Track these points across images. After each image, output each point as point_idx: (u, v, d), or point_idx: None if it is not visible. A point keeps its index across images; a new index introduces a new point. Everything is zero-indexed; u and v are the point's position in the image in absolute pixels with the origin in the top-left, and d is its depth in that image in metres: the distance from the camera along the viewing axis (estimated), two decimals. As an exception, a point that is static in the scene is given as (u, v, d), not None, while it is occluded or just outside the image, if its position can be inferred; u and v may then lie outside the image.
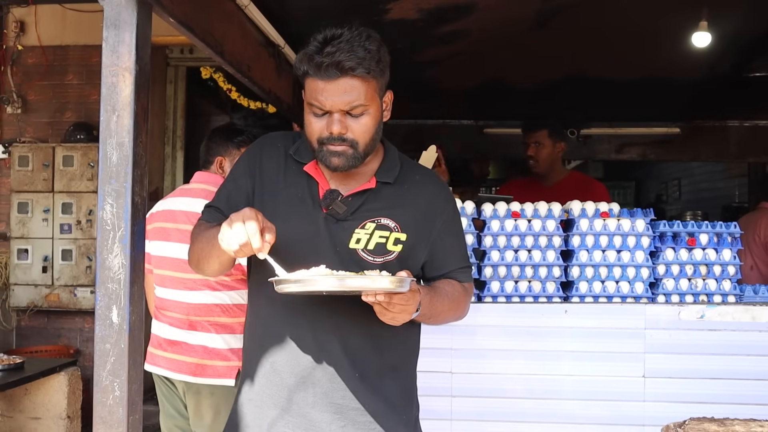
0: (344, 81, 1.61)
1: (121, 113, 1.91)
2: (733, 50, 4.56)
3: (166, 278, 2.81)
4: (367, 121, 1.66)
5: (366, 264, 1.67)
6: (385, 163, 1.78)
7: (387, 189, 1.75)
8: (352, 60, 1.60)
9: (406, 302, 1.54)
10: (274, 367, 1.71)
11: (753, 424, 2.12)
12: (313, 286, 1.48)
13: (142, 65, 1.95)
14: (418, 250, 1.75)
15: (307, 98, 1.67)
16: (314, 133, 1.67)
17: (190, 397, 2.75)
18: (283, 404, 1.70)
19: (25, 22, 5.30)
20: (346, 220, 1.70)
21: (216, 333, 2.72)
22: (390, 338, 1.73)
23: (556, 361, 2.84)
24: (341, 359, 1.68)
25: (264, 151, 1.80)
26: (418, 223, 1.74)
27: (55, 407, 4.11)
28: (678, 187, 10.57)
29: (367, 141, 1.68)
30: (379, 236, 1.69)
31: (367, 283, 1.47)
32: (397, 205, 1.74)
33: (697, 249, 2.87)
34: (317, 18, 3.77)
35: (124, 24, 1.91)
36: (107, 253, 1.90)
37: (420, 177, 1.82)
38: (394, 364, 1.76)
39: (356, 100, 1.63)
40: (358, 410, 1.69)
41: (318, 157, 1.70)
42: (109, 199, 1.90)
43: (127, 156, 1.91)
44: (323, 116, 1.65)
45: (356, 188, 1.73)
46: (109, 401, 1.88)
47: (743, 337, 2.77)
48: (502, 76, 5.24)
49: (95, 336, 1.91)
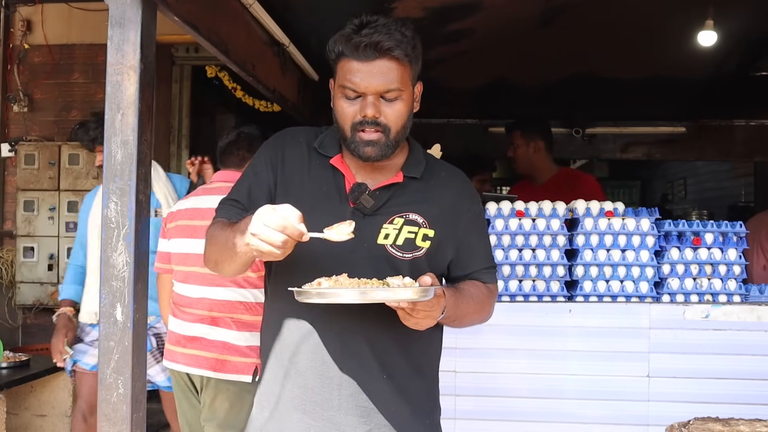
0: (380, 63, 1.59)
1: (125, 111, 1.91)
2: (739, 49, 4.54)
3: (191, 275, 2.83)
4: (400, 107, 1.63)
5: (395, 260, 1.63)
6: (411, 158, 1.75)
7: (414, 184, 1.71)
8: (391, 41, 1.58)
9: (430, 308, 1.50)
10: (297, 368, 1.65)
11: (758, 424, 2.12)
12: (334, 298, 1.44)
13: (147, 63, 1.95)
14: (446, 247, 1.71)
15: (340, 81, 1.63)
16: (347, 117, 1.63)
17: (207, 392, 2.79)
18: (306, 407, 1.64)
19: (32, 21, 5.32)
20: (373, 215, 1.65)
21: (237, 330, 2.76)
22: (416, 339, 1.68)
23: (560, 360, 2.83)
24: (369, 360, 1.64)
25: (286, 144, 1.75)
26: (446, 220, 1.71)
27: (60, 405, 4.12)
28: (684, 186, 10.55)
29: (399, 128, 1.65)
30: (407, 231, 1.65)
31: (389, 295, 1.43)
32: (425, 200, 1.70)
33: (702, 248, 2.86)
34: (321, 17, 3.79)
35: (129, 22, 1.92)
36: (111, 251, 1.91)
37: (446, 174, 1.80)
38: (420, 366, 1.72)
39: (391, 84, 1.60)
40: (384, 413, 1.64)
41: (349, 146, 1.65)
42: (113, 197, 1.91)
43: (131, 154, 1.92)
44: (356, 99, 1.62)
45: (384, 182, 1.69)
46: (113, 399, 1.89)
47: (748, 337, 2.77)
48: (507, 75, 5.23)
49: (99, 334, 1.91)
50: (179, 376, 2.88)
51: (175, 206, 3.00)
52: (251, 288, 2.78)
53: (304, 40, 4.17)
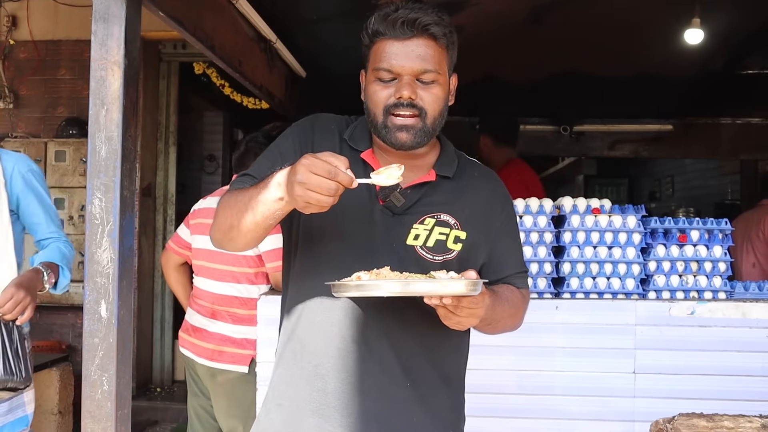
0: (418, 41, 1.52)
1: (110, 107, 1.90)
2: (726, 47, 4.57)
3: (202, 268, 2.98)
4: (437, 91, 1.56)
5: (425, 263, 1.54)
6: (443, 156, 1.67)
7: (446, 183, 1.63)
8: (429, 18, 1.52)
9: (475, 306, 1.39)
10: (318, 371, 1.55)
11: (742, 419, 2.13)
12: (375, 291, 1.34)
13: (131, 59, 1.94)
14: (478, 251, 1.62)
15: (374, 64, 1.55)
16: (380, 101, 1.54)
17: (207, 381, 2.95)
18: (323, 411, 1.54)
19: (17, 17, 5.28)
20: (403, 214, 1.57)
21: (233, 323, 2.88)
22: (443, 345, 1.61)
23: (547, 356, 2.84)
24: (394, 367, 1.54)
25: (317, 129, 1.65)
26: (478, 222, 1.63)
27: (46, 402, 4.10)
28: (671, 184, 10.61)
29: (436, 115, 1.57)
30: (438, 233, 1.57)
31: (437, 288, 1.34)
32: (457, 201, 1.62)
33: (688, 245, 2.87)
34: (307, 12, 3.78)
35: (113, 18, 1.91)
36: (96, 247, 1.90)
37: (479, 174, 1.72)
38: (447, 375, 1.64)
39: (428, 64, 1.53)
40: (405, 423, 1.56)
41: (382, 133, 1.55)
42: (97, 194, 1.90)
43: (116, 150, 1.91)
44: (391, 82, 1.53)
45: (415, 180, 1.59)
46: (98, 395, 1.88)
47: (733, 334, 2.78)
48: (496, 73, 5.24)
49: (84, 330, 1.91)
50: (188, 362, 3.03)
51: (198, 204, 3.10)
52: (247, 284, 2.88)
53: (291, 36, 4.16)
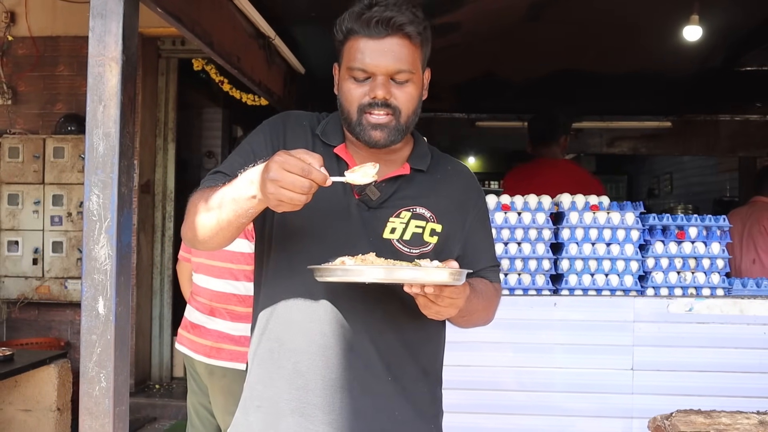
0: (392, 40, 1.51)
1: (107, 103, 1.90)
2: (724, 44, 4.57)
3: (201, 265, 2.97)
4: (411, 90, 1.54)
5: (402, 256, 1.53)
6: (416, 150, 1.67)
7: (420, 177, 1.63)
8: (403, 17, 1.51)
9: (456, 296, 1.39)
10: (298, 368, 1.52)
11: (739, 416, 2.14)
12: (358, 276, 1.33)
13: (129, 55, 1.94)
14: (453, 243, 1.62)
15: (348, 62, 1.54)
16: (354, 100, 1.53)
17: (206, 378, 2.94)
18: (304, 410, 1.51)
19: (16, 13, 5.27)
20: (379, 208, 1.57)
21: (231, 321, 2.88)
22: (421, 339, 1.61)
23: (546, 353, 2.84)
24: (375, 361, 1.53)
25: (288, 126, 1.64)
26: (453, 215, 1.63)
27: (45, 399, 4.09)
28: (670, 181, 10.62)
29: (410, 113, 1.56)
30: (415, 226, 1.57)
31: (421, 275, 1.33)
32: (431, 193, 1.62)
33: (686, 242, 2.88)
34: (306, 9, 3.77)
35: (111, 13, 1.90)
36: (93, 243, 1.89)
37: (452, 167, 1.72)
38: (425, 368, 1.63)
39: (402, 64, 1.52)
40: (388, 417, 1.54)
41: (356, 131, 1.55)
42: (95, 190, 1.89)
43: (113, 146, 1.90)
44: (365, 81, 1.52)
45: (390, 173, 1.59)
46: (95, 392, 1.88)
47: (731, 330, 2.79)
48: (495, 70, 5.24)
49: (81, 327, 1.90)
50: (187, 359, 3.03)
51: None
52: (245, 281, 2.86)
53: (289, 32, 4.16)
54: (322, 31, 3.97)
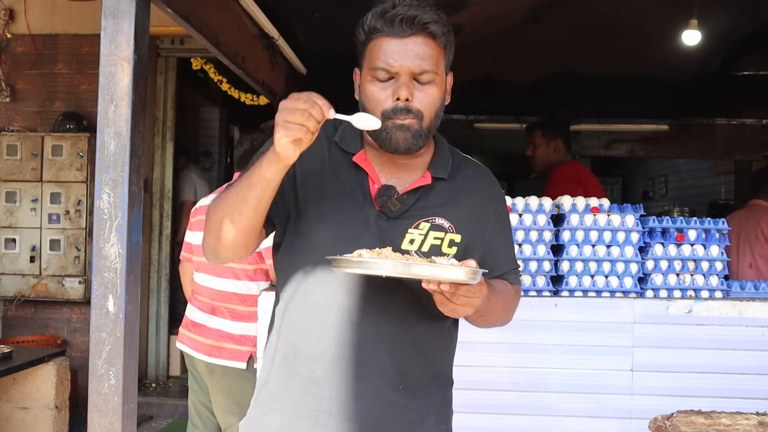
0: (416, 39, 1.51)
1: (119, 103, 1.91)
2: (722, 48, 4.61)
3: (202, 264, 3.00)
4: (434, 92, 1.54)
5: None
6: (437, 155, 1.65)
7: (441, 185, 1.61)
8: (428, 16, 1.51)
9: (472, 294, 1.38)
10: (312, 377, 1.53)
11: (739, 417, 2.16)
12: (376, 269, 1.34)
13: (141, 55, 1.95)
14: (472, 252, 1.60)
15: (371, 63, 1.53)
16: (378, 103, 1.51)
17: (206, 377, 2.97)
18: (319, 418, 1.52)
19: (15, 10, 5.26)
20: (398, 219, 1.55)
21: (232, 320, 2.90)
22: (434, 343, 1.61)
23: (546, 354, 2.86)
24: (389, 370, 1.53)
25: None
26: (473, 223, 1.62)
27: (43, 397, 4.09)
28: (665, 183, 10.66)
29: (432, 116, 1.55)
30: (434, 237, 1.55)
31: (437, 272, 1.33)
32: (451, 202, 1.60)
33: (686, 245, 2.90)
34: (309, 10, 3.79)
35: (123, 14, 1.91)
36: (104, 242, 1.90)
37: (473, 172, 1.70)
38: (437, 373, 1.65)
39: (426, 64, 1.51)
40: (398, 424, 1.55)
41: (379, 136, 1.53)
42: (106, 189, 1.91)
43: (124, 146, 1.92)
44: (388, 82, 1.51)
45: (411, 185, 1.58)
46: (105, 390, 1.89)
47: (730, 332, 2.81)
48: (494, 72, 5.26)
49: (91, 325, 1.91)
50: (187, 358, 3.05)
51: (199, 202, 3.14)
52: (246, 280, 2.89)
53: (292, 34, 4.17)
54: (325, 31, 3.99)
